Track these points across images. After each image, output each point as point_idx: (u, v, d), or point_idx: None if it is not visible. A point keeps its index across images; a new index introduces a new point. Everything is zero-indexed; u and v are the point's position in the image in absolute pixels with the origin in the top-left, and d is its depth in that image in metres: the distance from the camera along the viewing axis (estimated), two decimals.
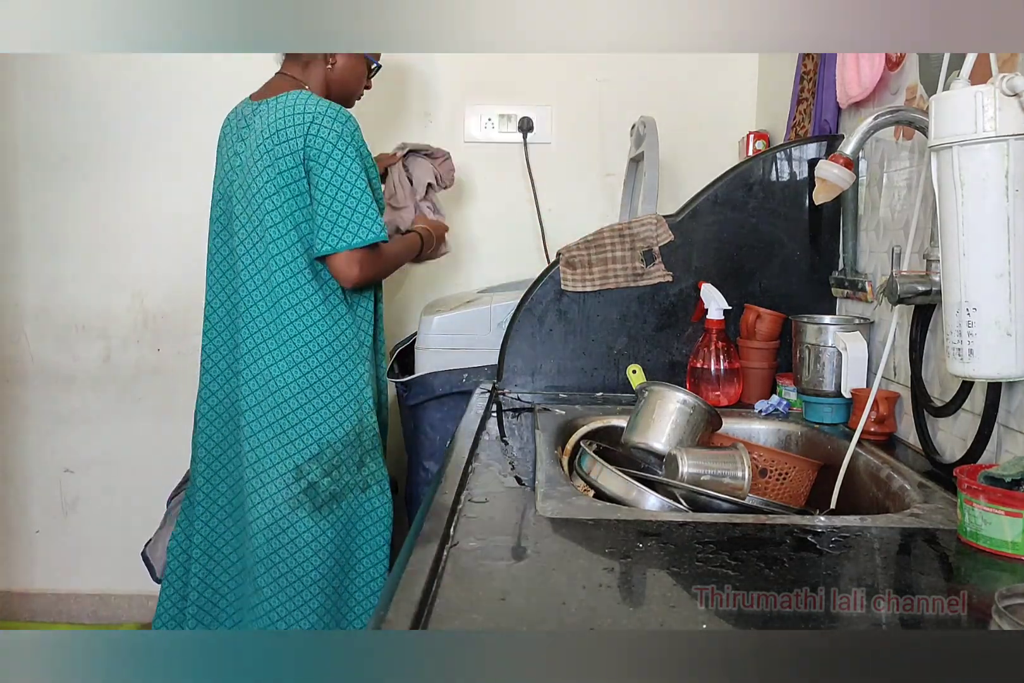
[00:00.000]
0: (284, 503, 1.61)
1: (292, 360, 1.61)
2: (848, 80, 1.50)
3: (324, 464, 1.62)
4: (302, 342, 1.61)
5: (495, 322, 1.81)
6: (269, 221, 1.60)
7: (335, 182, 1.56)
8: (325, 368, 1.62)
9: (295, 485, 1.61)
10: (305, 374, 1.62)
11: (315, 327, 1.62)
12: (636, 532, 0.91)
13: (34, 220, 2.38)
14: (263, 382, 1.62)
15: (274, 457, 1.62)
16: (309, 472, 1.62)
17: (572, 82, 2.32)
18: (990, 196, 0.90)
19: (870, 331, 1.44)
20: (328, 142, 1.56)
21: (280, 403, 1.62)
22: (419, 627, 0.67)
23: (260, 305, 1.63)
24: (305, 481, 1.62)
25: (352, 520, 1.66)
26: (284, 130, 1.58)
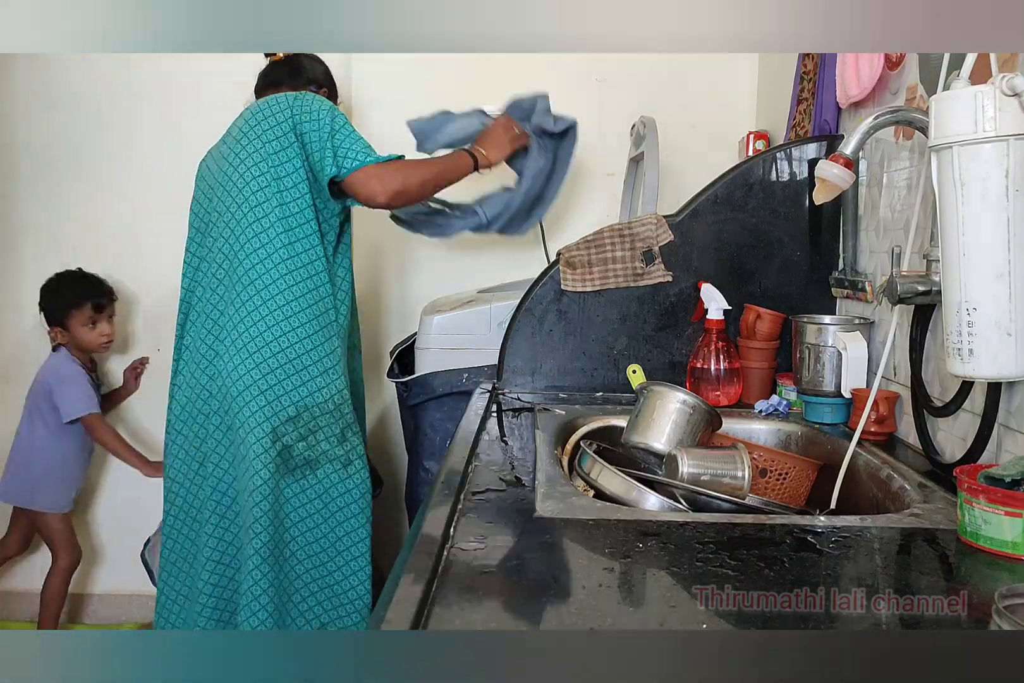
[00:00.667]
0: (263, 468, 1.61)
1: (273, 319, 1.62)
2: (848, 80, 1.50)
3: (300, 428, 1.63)
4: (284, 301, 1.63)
5: (495, 322, 1.81)
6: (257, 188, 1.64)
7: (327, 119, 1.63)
8: (299, 333, 1.64)
9: (272, 448, 1.61)
10: (281, 335, 1.63)
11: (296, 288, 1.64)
12: (636, 532, 0.91)
13: (33, 220, 2.38)
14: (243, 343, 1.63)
15: (254, 419, 1.62)
16: (284, 434, 1.62)
17: (572, 82, 2.31)
18: (990, 196, 0.90)
19: (870, 331, 1.45)
20: (319, 109, 1.64)
21: (259, 363, 1.62)
22: (419, 627, 0.67)
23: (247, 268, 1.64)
24: (280, 444, 1.62)
25: (331, 494, 1.67)
26: (271, 116, 1.64)
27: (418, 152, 1.92)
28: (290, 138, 1.63)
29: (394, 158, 1.65)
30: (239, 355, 1.63)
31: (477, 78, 2.33)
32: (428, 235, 1.97)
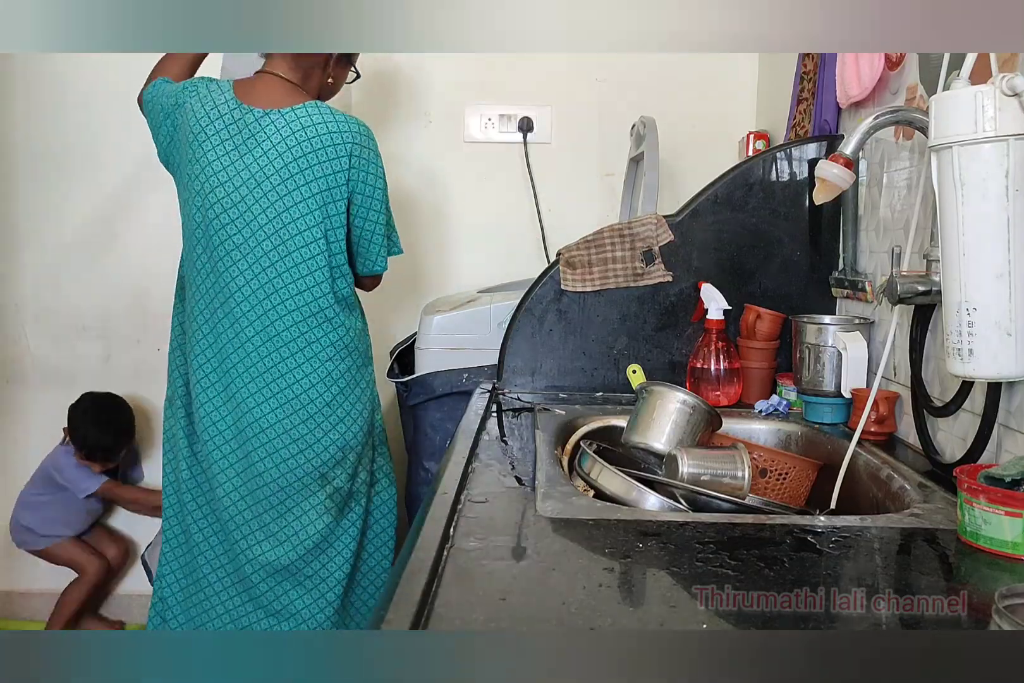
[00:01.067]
0: (311, 509, 1.63)
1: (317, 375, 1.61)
2: (848, 80, 1.50)
3: (348, 468, 1.66)
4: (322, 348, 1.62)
5: (495, 322, 1.81)
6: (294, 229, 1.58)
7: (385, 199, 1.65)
8: (346, 378, 1.64)
9: (321, 492, 1.63)
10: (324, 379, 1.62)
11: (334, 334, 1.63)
12: (636, 532, 0.91)
13: (34, 220, 2.38)
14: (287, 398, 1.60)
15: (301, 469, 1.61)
16: (334, 478, 1.64)
17: (572, 82, 2.32)
18: (990, 196, 0.90)
19: (870, 331, 1.45)
20: (372, 163, 1.62)
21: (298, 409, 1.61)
22: (419, 627, 0.67)
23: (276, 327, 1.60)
24: (331, 487, 1.64)
25: (363, 517, 1.70)
26: (324, 149, 1.56)
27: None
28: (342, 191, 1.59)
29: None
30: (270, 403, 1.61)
31: (477, 78, 2.34)
32: None
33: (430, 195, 2.39)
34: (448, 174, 2.37)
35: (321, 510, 1.63)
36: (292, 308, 1.60)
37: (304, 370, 1.61)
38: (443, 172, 2.37)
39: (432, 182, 2.38)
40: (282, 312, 1.60)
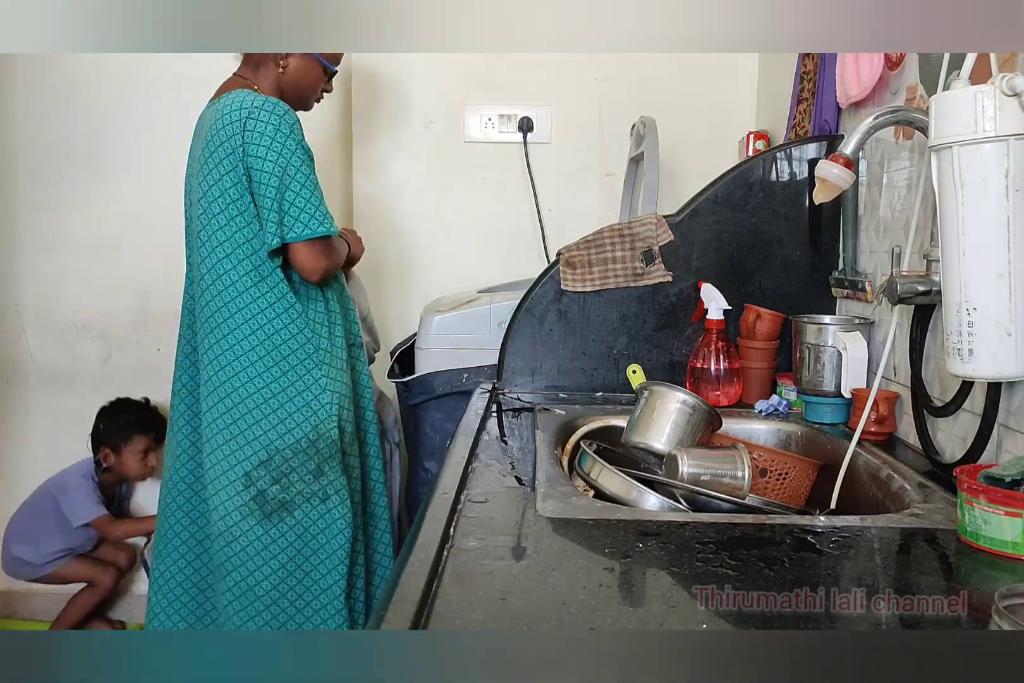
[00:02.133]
0: (235, 510, 1.58)
1: (240, 364, 1.58)
2: (848, 80, 1.50)
3: (273, 471, 1.58)
4: (249, 346, 1.58)
5: (495, 322, 1.81)
6: (215, 224, 1.56)
7: (276, 173, 1.52)
8: (273, 373, 1.58)
9: (244, 493, 1.58)
10: (252, 379, 1.58)
11: (262, 331, 1.58)
12: (636, 532, 0.91)
13: (34, 220, 2.38)
14: (215, 386, 1.60)
15: (224, 464, 1.59)
16: (258, 479, 1.58)
17: (572, 82, 2.32)
18: (990, 196, 0.90)
19: (870, 331, 1.44)
20: (265, 135, 1.51)
21: (231, 408, 1.59)
22: (419, 627, 0.67)
23: (213, 310, 1.59)
24: (255, 488, 1.58)
25: (310, 532, 1.60)
26: (222, 130, 1.53)
27: None
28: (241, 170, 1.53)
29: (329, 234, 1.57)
30: (212, 398, 1.60)
31: (477, 78, 2.34)
32: None
33: (430, 195, 2.39)
34: (448, 174, 2.37)
35: (245, 511, 1.58)
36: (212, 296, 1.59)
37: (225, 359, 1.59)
38: (443, 172, 2.37)
39: (432, 182, 2.38)
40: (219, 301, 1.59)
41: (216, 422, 1.60)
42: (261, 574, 1.58)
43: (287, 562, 1.59)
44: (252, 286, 1.57)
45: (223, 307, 1.58)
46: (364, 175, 2.37)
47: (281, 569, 1.59)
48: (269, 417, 1.58)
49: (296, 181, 1.53)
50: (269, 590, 1.59)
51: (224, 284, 1.57)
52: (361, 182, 2.36)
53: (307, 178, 1.55)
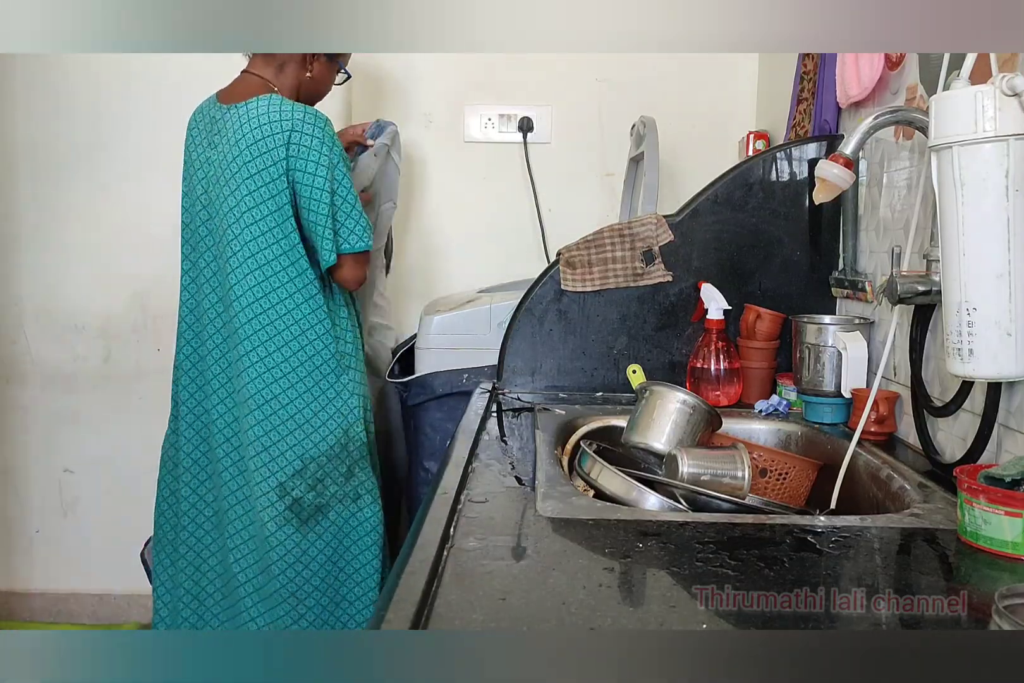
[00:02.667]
0: (271, 521, 1.59)
1: (280, 371, 1.59)
2: (848, 80, 1.50)
3: (308, 479, 1.60)
4: (289, 353, 1.59)
5: (495, 322, 1.81)
6: (249, 234, 1.56)
7: (328, 188, 1.55)
8: (306, 382, 1.60)
9: (279, 503, 1.59)
10: (285, 390, 1.59)
11: (296, 341, 1.59)
12: (636, 532, 0.91)
13: (34, 220, 2.38)
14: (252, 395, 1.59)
15: (256, 476, 1.60)
16: (293, 488, 1.59)
17: (572, 82, 2.31)
18: (990, 196, 0.90)
19: (870, 331, 1.44)
20: (313, 150, 1.54)
21: (261, 420, 1.59)
22: (419, 627, 0.67)
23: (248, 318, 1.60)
24: (290, 498, 1.59)
25: (343, 531, 1.63)
26: (263, 140, 1.53)
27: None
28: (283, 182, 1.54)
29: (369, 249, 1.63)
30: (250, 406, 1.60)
31: (477, 78, 2.33)
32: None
33: (430, 195, 2.39)
34: (448, 174, 2.37)
35: (281, 521, 1.59)
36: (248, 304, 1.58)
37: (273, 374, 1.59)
38: (443, 172, 2.37)
39: (432, 182, 2.38)
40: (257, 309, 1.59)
41: (253, 430, 1.60)
42: (302, 578, 1.61)
43: (324, 562, 1.62)
44: (288, 297, 1.59)
45: (261, 315, 1.59)
46: None
47: (320, 570, 1.62)
48: (303, 427, 1.61)
49: (340, 195, 1.58)
50: (311, 592, 1.61)
51: (262, 292, 1.58)
52: None
53: (349, 191, 1.59)
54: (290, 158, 1.53)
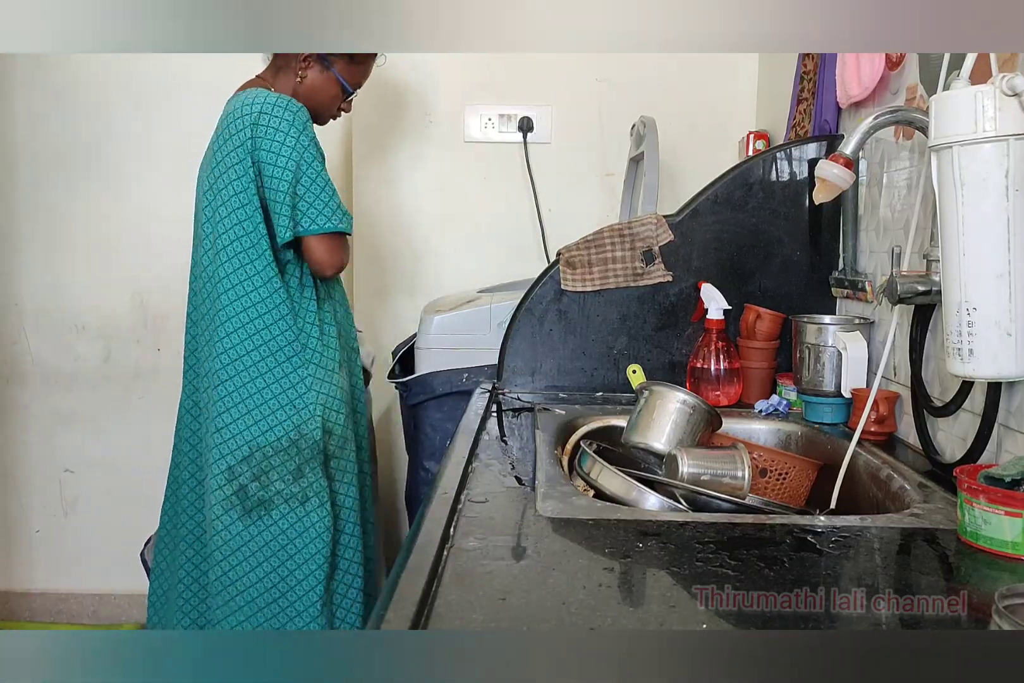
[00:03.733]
0: (217, 504, 1.58)
1: (228, 357, 1.58)
2: (848, 80, 1.50)
3: (253, 468, 1.58)
4: (239, 339, 1.58)
5: (495, 322, 1.81)
6: (217, 216, 1.58)
7: (290, 167, 1.53)
8: (260, 367, 1.58)
9: (227, 486, 1.58)
10: (240, 372, 1.58)
11: (252, 325, 1.58)
12: (636, 532, 0.91)
13: (34, 220, 2.38)
14: (210, 377, 1.61)
15: (210, 456, 1.60)
16: (240, 474, 1.58)
17: (572, 82, 2.31)
18: (990, 196, 0.90)
19: (870, 331, 1.45)
20: (279, 131, 1.53)
21: (216, 400, 1.59)
22: (419, 627, 0.67)
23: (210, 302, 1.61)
24: (236, 483, 1.58)
25: (287, 535, 1.59)
26: (233, 123, 1.55)
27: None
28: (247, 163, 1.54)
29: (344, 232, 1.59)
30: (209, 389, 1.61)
31: (477, 78, 2.33)
32: None
33: (430, 195, 2.39)
34: (448, 174, 2.37)
35: (227, 505, 1.58)
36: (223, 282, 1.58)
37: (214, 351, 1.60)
38: (443, 172, 2.37)
39: (432, 182, 2.38)
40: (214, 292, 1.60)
41: (210, 409, 1.61)
42: (243, 569, 1.59)
43: (264, 561, 1.58)
44: (246, 279, 1.57)
45: (217, 298, 1.59)
46: (364, 175, 2.37)
47: (259, 567, 1.58)
48: (252, 412, 1.58)
49: (308, 176, 1.55)
50: (249, 586, 1.59)
51: (219, 276, 1.58)
52: (361, 182, 2.36)
53: (318, 174, 1.56)
54: (255, 138, 1.53)
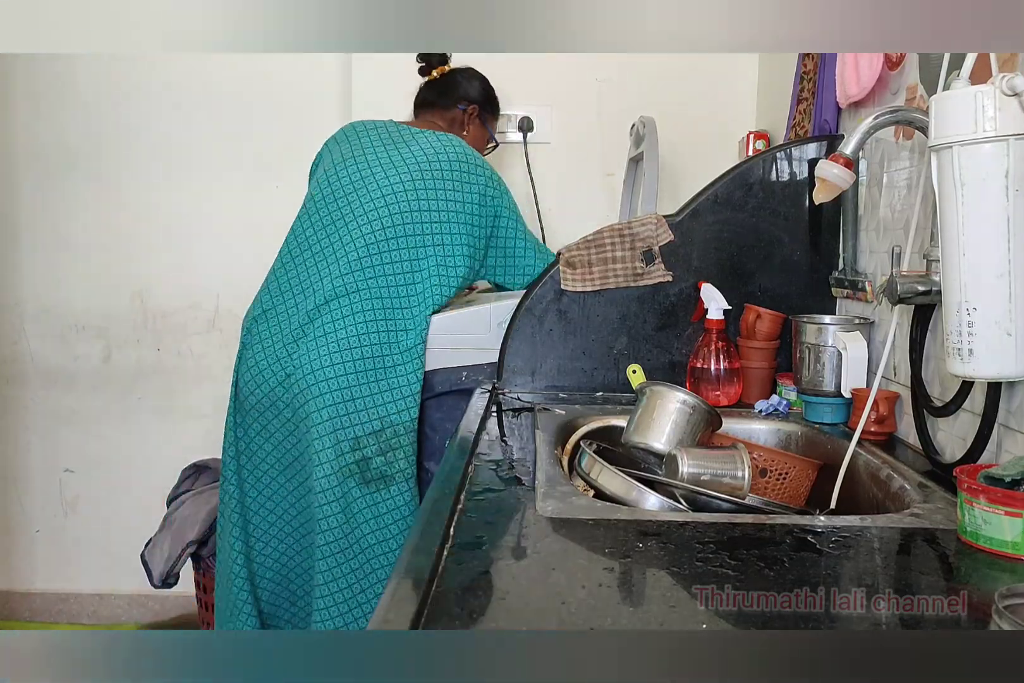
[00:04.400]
0: (336, 472, 1.63)
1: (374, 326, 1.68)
2: (848, 80, 1.50)
3: (382, 442, 1.66)
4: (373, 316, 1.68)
5: (495, 322, 1.80)
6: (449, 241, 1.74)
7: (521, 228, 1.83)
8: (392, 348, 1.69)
9: (351, 454, 1.64)
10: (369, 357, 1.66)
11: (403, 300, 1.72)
12: (636, 532, 0.91)
13: (34, 220, 2.38)
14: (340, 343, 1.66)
15: (332, 423, 1.64)
16: (367, 446, 1.65)
17: (572, 82, 2.31)
18: (990, 196, 0.90)
19: (870, 331, 1.45)
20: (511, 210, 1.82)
21: (349, 370, 1.64)
22: (419, 627, 0.67)
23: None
24: (360, 453, 1.64)
25: (403, 512, 1.68)
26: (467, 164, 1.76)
27: None
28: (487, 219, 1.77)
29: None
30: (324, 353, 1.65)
31: None
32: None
33: None
34: None
35: (346, 473, 1.64)
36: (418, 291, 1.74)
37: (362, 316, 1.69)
38: None
39: None
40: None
41: (330, 381, 1.65)
42: (367, 541, 1.65)
43: (390, 532, 1.66)
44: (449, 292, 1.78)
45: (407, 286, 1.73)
46: None
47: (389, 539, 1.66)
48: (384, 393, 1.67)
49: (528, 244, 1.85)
50: (366, 547, 1.64)
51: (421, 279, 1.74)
52: None
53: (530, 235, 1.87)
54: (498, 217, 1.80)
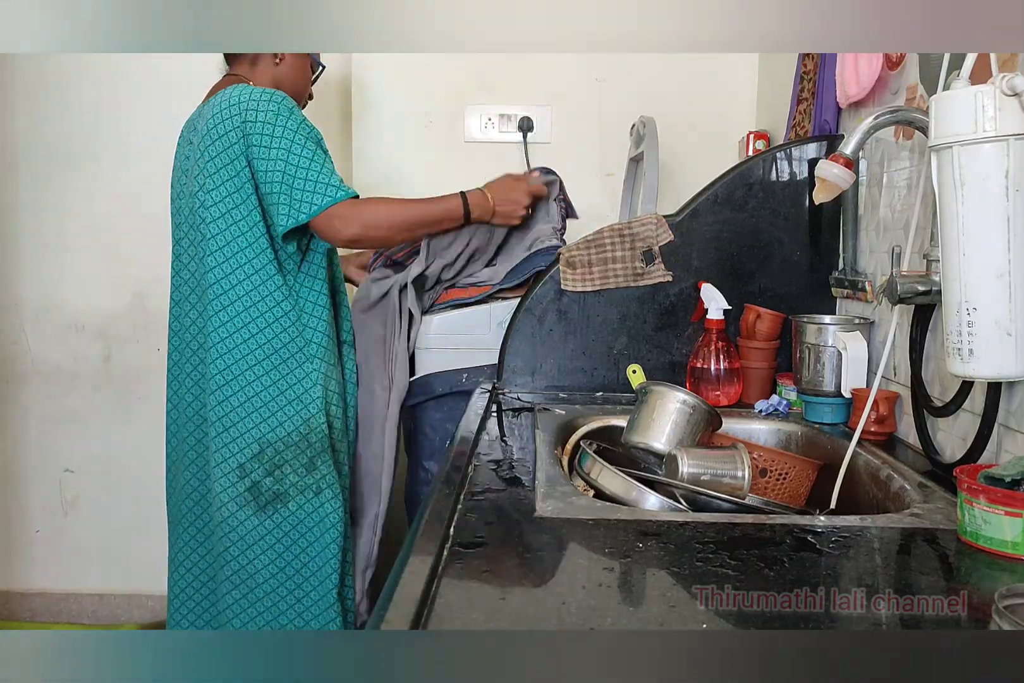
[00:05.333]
0: (231, 501, 1.60)
1: (233, 357, 1.59)
2: (848, 80, 1.50)
3: (265, 463, 1.60)
4: (241, 339, 1.59)
5: (495, 322, 1.80)
6: (209, 216, 1.58)
7: (281, 157, 1.53)
8: (264, 365, 1.60)
9: (239, 483, 1.60)
10: (244, 371, 1.59)
11: (254, 324, 1.59)
12: (636, 532, 0.91)
13: (34, 220, 2.38)
14: (215, 378, 1.61)
15: (218, 456, 1.61)
16: (252, 471, 1.60)
17: (572, 82, 2.32)
18: (990, 196, 0.90)
19: (870, 331, 1.45)
20: (267, 124, 1.53)
21: (222, 401, 1.60)
22: (419, 627, 0.67)
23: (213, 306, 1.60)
24: (249, 480, 1.60)
25: (305, 524, 1.63)
26: (220, 124, 1.55)
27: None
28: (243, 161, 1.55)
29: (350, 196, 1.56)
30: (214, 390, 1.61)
31: (477, 78, 2.34)
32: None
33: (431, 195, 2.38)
34: (448, 174, 2.37)
35: (240, 502, 1.60)
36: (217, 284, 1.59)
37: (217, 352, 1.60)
38: (443, 172, 2.37)
39: (432, 182, 2.38)
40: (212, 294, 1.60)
41: (215, 411, 1.62)
42: (260, 563, 1.61)
43: (283, 552, 1.62)
44: (245, 279, 1.59)
45: (214, 300, 1.60)
46: (364, 175, 2.37)
47: (278, 559, 1.62)
48: (260, 410, 1.60)
49: (303, 160, 1.54)
50: (266, 579, 1.62)
51: (216, 277, 1.59)
52: (361, 182, 2.36)
53: (313, 153, 1.56)
54: (247, 135, 1.54)
